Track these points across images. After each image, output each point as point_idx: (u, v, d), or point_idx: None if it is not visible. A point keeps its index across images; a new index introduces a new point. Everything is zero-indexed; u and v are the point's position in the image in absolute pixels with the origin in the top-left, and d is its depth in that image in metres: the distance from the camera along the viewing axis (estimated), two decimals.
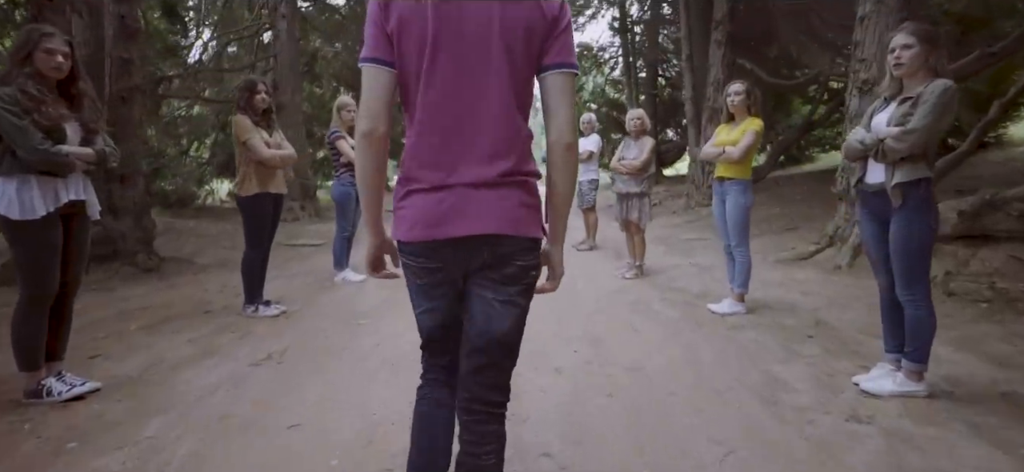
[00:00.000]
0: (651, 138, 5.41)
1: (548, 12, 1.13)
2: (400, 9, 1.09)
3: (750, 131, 3.78)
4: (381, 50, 1.12)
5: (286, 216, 10.26)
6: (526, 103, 1.18)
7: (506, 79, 1.12)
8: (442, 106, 1.12)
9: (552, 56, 1.14)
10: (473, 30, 1.10)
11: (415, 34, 1.10)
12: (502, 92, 1.12)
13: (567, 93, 1.16)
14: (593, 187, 7.40)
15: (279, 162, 4.01)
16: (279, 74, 10.34)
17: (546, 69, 1.15)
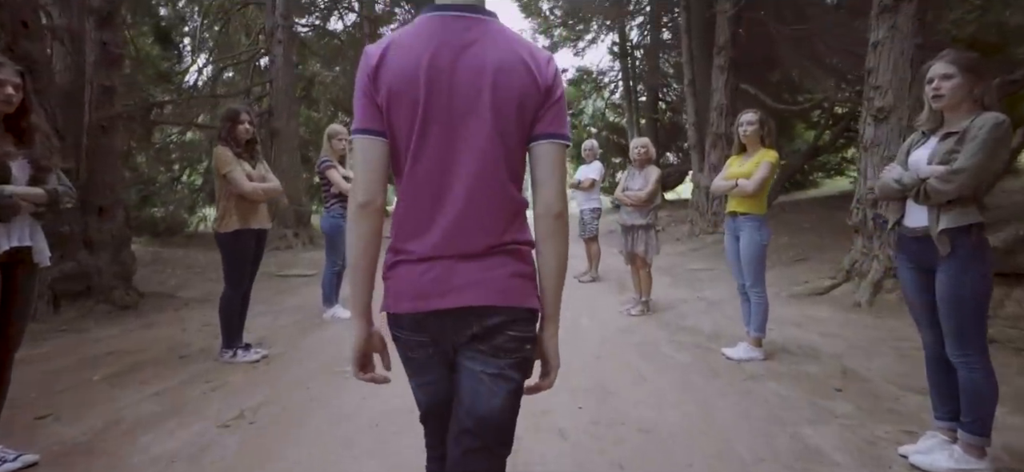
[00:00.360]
0: (656, 168, 5.19)
1: (541, 83, 1.10)
2: (390, 81, 1.07)
3: (765, 163, 3.54)
4: (372, 121, 1.10)
5: (279, 244, 10.02)
6: (519, 172, 1.15)
7: (498, 150, 1.09)
8: (432, 176, 1.09)
9: (544, 126, 1.12)
10: (464, 101, 1.07)
11: (405, 105, 1.07)
12: (494, 163, 1.09)
13: (557, 164, 1.13)
14: (595, 216, 7.16)
15: (262, 196, 3.76)
16: (274, 99, 10.19)
17: (537, 139, 1.12)
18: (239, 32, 11.45)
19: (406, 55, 1.08)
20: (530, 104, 1.10)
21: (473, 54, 1.08)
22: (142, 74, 7.41)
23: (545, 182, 1.12)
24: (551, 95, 1.12)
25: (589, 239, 7.22)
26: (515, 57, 1.09)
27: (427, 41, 1.08)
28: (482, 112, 1.07)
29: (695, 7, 10.34)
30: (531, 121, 1.12)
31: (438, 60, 1.07)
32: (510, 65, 1.09)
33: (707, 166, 10.07)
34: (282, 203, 10.12)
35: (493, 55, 1.09)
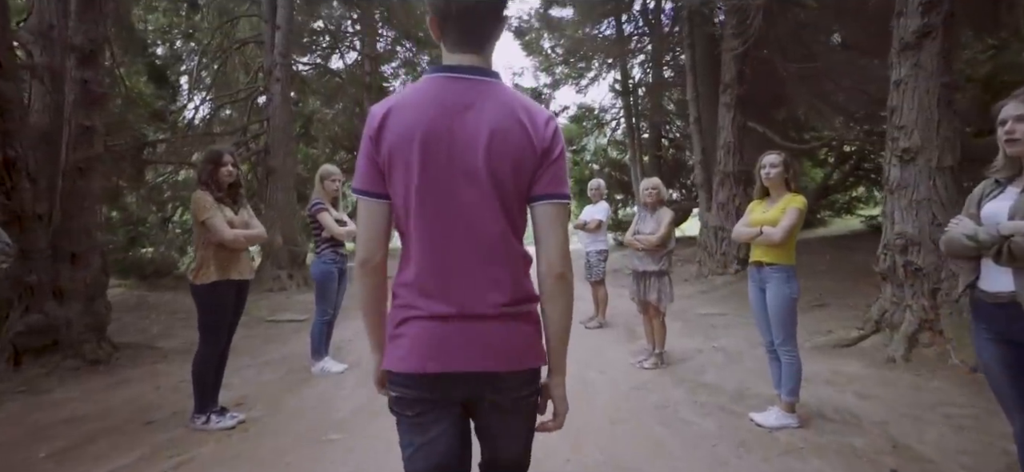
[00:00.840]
0: (669, 210, 4.90)
1: (538, 144, 1.12)
2: (391, 143, 1.10)
3: (792, 209, 3.25)
4: (373, 182, 1.14)
5: (272, 285, 9.69)
6: (520, 229, 1.17)
7: (497, 211, 1.11)
8: (436, 235, 1.12)
9: (542, 186, 1.14)
10: (461, 164, 1.10)
11: (405, 167, 1.10)
12: (495, 221, 1.12)
13: (558, 223, 1.15)
14: (602, 259, 6.85)
15: (244, 244, 3.46)
16: (271, 137, 10.02)
17: (536, 199, 1.15)
18: (238, 70, 11.39)
19: (406, 118, 1.10)
20: (527, 166, 1.11)
21: (470, 117, 1.10)
22: (134, 113, 7.22)
23: (546, 242, 1.14)
24: (549, 155, 1.13)
25: (595, 282, 6.89)
26: (512, 119, 1.11)
27: (427, 104, 1.11)
28: (479, 175, 1.09)
29: (700, 45, 10.27)
30: (529, 182, 1.13)
31: (436, 124, 1.09)
32: (506, 127, 1.10)
33: (715, 205, 9.81)
34: (276, 242, 9.84)
35: (489, 118, 1.10)
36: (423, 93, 1.13)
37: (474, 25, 1.15)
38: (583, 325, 6.80)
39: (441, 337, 1.10)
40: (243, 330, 6.91)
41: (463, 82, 1.13)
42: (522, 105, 1.15)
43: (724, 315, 7.24)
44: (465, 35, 1.15)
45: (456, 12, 1.13)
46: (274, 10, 9.83)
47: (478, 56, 1.17)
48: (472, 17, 1.14)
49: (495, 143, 1.09)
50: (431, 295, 1.11)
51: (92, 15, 4.04)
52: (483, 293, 1.11)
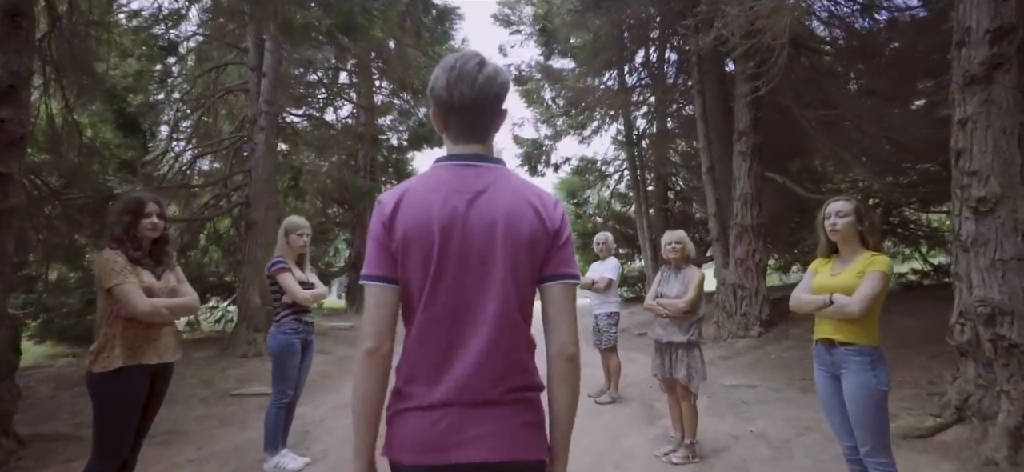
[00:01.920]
0: (698, 268, 4.17)
1: (549, 226, 1.18)
2: (405, 228, 1.14)
3: (874, 275, 2.51)
4: (385, 267, 1.16)
5: (246, 350, 8.84)
6: (528, 313, 1.19)
7: (511, 293, 1.15)
8: (444, 320, 1.13)
9: (553, 267, 1.19)
10: (477, 247, 1.14)
11: (420, 252, 1.13)
12: (508, 306, 1.14)
13: (568, 303, 1.19)
14: (613, 323, 6.07)
15: (166, 317, 2.72)
16: (253, 189, 9.42)
17: (547, 280, 1.19)
18: (222, 120, 10.94)
19: (420, 203, 1.15)
20: (540, 247, 1.17)
21: (484, 201, 1.17)
22: (97, 163, 6.62)
23: (557, 322, 1.18)
24: (559, 237, 1.20)
25: (606, 350, 6.09)
26: (524, 202, 1.18)
27: (440, 189, 1.17)
28: (495, 257, 1.14)
29: (710, 91, 9.83)
30: (541, 263, 1.18)
31: (451, 207, 1.15)
32: (520, 210, 1.17)
33: (733, 260, 9.09)
34: (253, 302, 9.06)
35: (503, 201, 1.17)
36: (436, 179, 1.18)
37: (476, 118, 1.20)
38: (593, 399, 5.96)
39: (442, 426, 1.11)
40: (201, 407, 6.09)
41: (474, 168, 1.19)
42: (532, 190, 1.22)
43: (754, 387, 6.39)
44: (468, 127, 1.21)
45: (459, 106, 1.18)
46: (261, 57, 9.44)
47: (482, 145, 1.23)
48: (474, 110, 1.19)
49: (511, 225, 1.15)
50: (434, 381, 1.13)
51: (15, 45, 3.46)
52: (490, 379, 1.12)
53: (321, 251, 15.03)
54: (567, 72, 18.16)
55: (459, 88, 1.18)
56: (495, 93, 1.21)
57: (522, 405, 1.15)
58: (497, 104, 1.22)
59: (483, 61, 1.20)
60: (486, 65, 1.20)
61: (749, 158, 8.79)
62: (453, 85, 1.18)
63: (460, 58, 1.21)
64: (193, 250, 10.59)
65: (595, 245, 6.35)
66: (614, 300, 6.14)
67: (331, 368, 8.26)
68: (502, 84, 1.22)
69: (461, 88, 1.18)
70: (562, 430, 1.19)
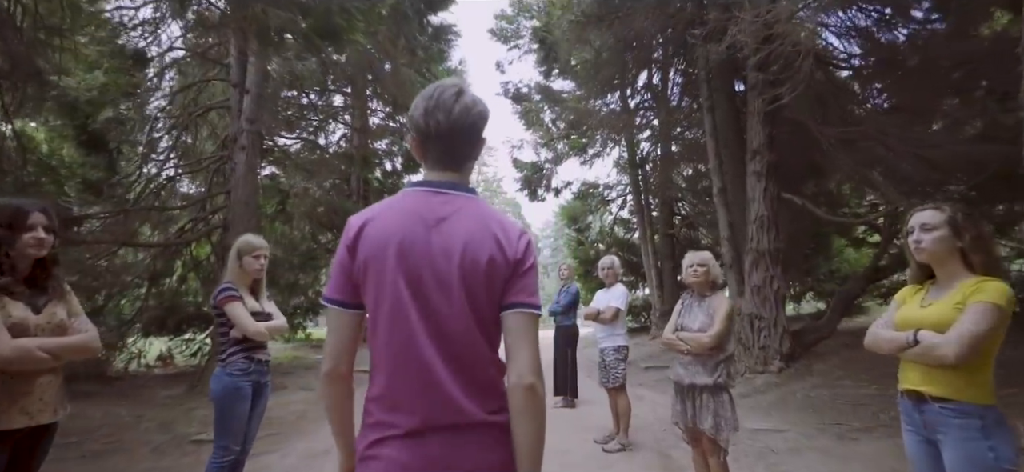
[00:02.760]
0: (726, 297, 3.54)
1: (511, 255, 1.19)
2: (367, 252, 1.18)
3: (981, 308, 1.87)
4: (345, 293, 1.20)
5: None
6: (495, 340, 1.22)
7: (470, 320, 1.17)
8: (409, 345, 1.15)
9: (512, 296, 1.19)
10: (436, 273, 1.17)
11: (380, 276, 1.16)
12: (468, 330, 1.17)
13: (528, 333, 1.18)
14: (621, 358, 5.41)
15: (43, 362, 2.08)
16: (232, 212, 8.84)
17: (506, 308, 1.19)
18: (207, 141, 10.44)
19: (383, 227, 1.19)
20: (499, 275, 1.18)
21: (445, 228, 1.19)
22: (53, 181, 6.05)
23: (515, 352, 1.17)
24: (520, 266, 1.20)
25: (614, 389, 5.40)
26: (486, 231, 1.20)
27: (404, 215, 1.20)
28: (453, 284, 1.16)
29: (720, 108, 9.32)
30: (501, 291, 1.19)
31: (412, 233, 1.18)
32: (479, 239, 1.19)
33: (749, 289, 8.43)
34: None
35: (464, 229, 1.19)
36: (401, 205, 1.23)
37: (453, 146, 1.24)
38: (600, 447, 5.26)
39: (420, 455, 1.12)
40: (151, 458, 5.37)
41: (441, 196, 1.23)
42: (496, 219, 1.23)
43: (781, 432, 5.68)
44: (444, 155, 1.25)
45: (436, 134, 1.23)
46: (243, 73, 8.98)
47: (456, 174, 1.27)
48: (451, 138, 1.23)
49: (468, 253, 1.17)
50: (403, 409, 1.14)
51: None
52: (458, 403, 1.14)
53: (310, 279, 14.37)
54: (567, 93, 17.83)
55: (436, 116, 1.21)
56: (471, 122, 1.23)
57: (492, 427, 1.17)
58: (474, 133, 1.25)
59: (461, 91, 1.23)
60: (464, 94, 1.23)
61: (764, 178, 8.21)
62: (430, 113, 1.22)
63: (438, 87, 1.23)
64: (168, 277, 9.97)
65: (600, 270, 5.72)
66: (622, 332, 5.49)
67: (311, 409, 7.55)
68: (479, 113, 1.24)
69: (438, 116, 1.21)
70: (529, 467, 1.16)
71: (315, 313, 15.88)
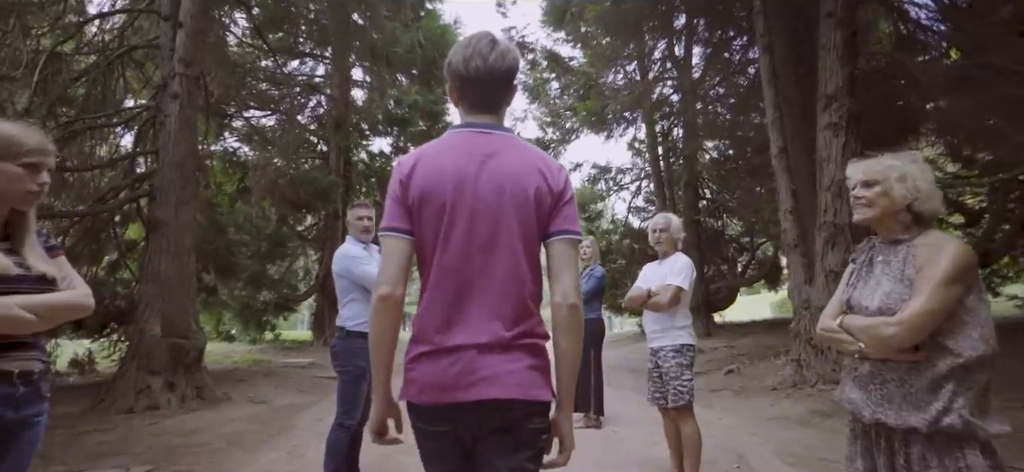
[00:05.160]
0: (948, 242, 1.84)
1: (553, 186, 1.34)
2: (421, 185, 1.31)
3: None
4: (401, 220, 1.33)
5: (136, 402, 6.42)
6: (535, 267, 1.34)
7: (518, 246, 1.30)
8: (456, 270, 1.29)
9: (557, 224, 1.34)
10: (487, 203, 1.30)
11: (435, 207, 1.30)
12: (513, 257, 1.30)
13: (570, 258, 1.33)
14: (685, 363, 3.69)
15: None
16: (161, 178, 7.12)
17: (551, 236, 1.34)
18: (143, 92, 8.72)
19: (435, 163, 1.33)
20: (545, 205, 1.33)
21: (495, 163, 1.33)
22: None
23: (560, 275, 1.31)
24: (562, 197, 1.35)
25: (676, 410, 3.70)
26: (531, 166, 1.34)
27: (454, 152, 1.34)
28: (503, 213, 1.30)
29: (780, 46, 7.59)
30: (546, 220, 1.33)
31: (464, 168, 1.32)
32: (527, 171, 1.33)
33: (822, 275, 6.72)
34: (150, 333, 6.68)
35: (512, 163, 1.34)
36: (450, 143, 1.37)
37: (489, 90, 1.39)
38: None
39: (454, 370, 1.24)
40: None
41: (485, 135, 1.37)
42: (537, 154, 1.39)
43: None
44: (482, 99, 1.40)
45: (475, 79, 1.36)
46: (176, 2, 7.27)
47: (493, 116, 1.41)
48: (487, 83, 1.37)
49: (517, 185, 1.31)
50: (446, 328, 1.27)
51: None
52: (496, 324, 1.26)
53: (281, 270, 12.67)
54: (578, 65, 16.15)
55: (474, 62, 1.34)
56: (508, 67, 1.38)
57: (528, 351, 1.29)
58: (509, 77, 1.40)
59: (495, 40, 1.37)
60: (498, 43, 1.37)
61: (844, 131, 6.51)
62: (469, 60, 1.34)
63: (473, 37, 1.38)
64: (93, 264, 8.25)
65: (651, 233, 3.99)
66: (685, 325, 3.76)
67: (251, 431, 5.84)
68: (513, 59, 1.39)
69: (476, 62, 1.34)
70: (567, 375, 1.33)
71: (288, 310, 14.15)
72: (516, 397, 1.24)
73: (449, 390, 1.24)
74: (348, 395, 3.58)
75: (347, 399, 3.58)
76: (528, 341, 1.28)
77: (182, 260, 7.11)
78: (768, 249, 16.98)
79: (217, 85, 9.95)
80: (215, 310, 12.06)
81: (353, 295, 3.62)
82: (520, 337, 1.27)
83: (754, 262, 16.52)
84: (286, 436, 5.65)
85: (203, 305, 11.79)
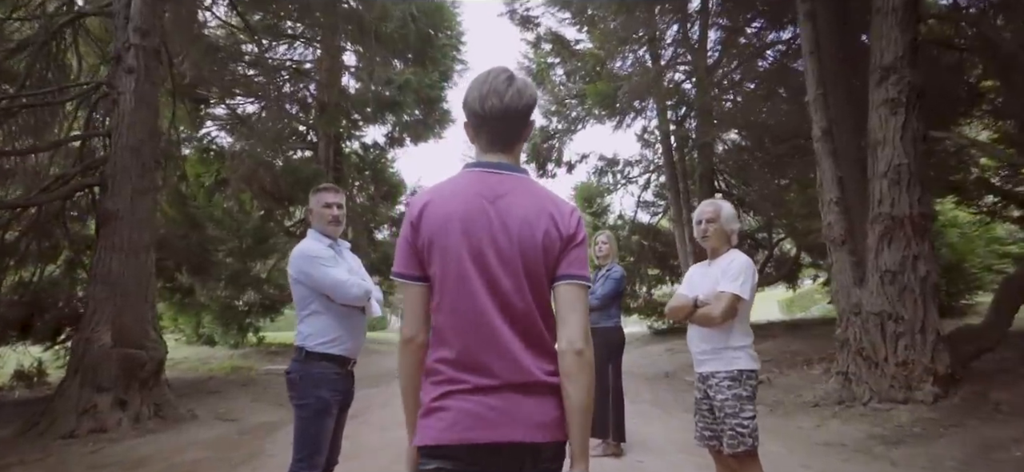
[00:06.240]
0: None
1: (564, 230, 1.34)
2: (431, 229, 1.32)
3: None
4: (413, 267, 1.35)
5: (78, 424, 5.59)
6: (548, 310, 1.36)
7: (527, 288, 1.31)
8: (474, 312, 1.29)
9: (564, 268, 1.34)
10: (496, 247, 1.30)
11: (444, 250, 1.31)
12: (525, 299, 1.31)
13: (579, 302, 1.33)
14: (746, 394, 2.84)
15: None
16: (114, 164, 6.27)
17: (558, 280, 1.34)
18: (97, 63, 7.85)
19: (446, 206, 1.33)
20: (553, 249, 1.32)
21: (504, 204, 1.33)
22: None
23: (566, 319, 1.31)
24: (572, 241, 1.34)
25: (734, 457, 2.83)
26: (541, 209, 1.34)
27: (465, 192, 1.35)
28: (512, 256, 1.30)
29: (824, 12, 6.70)
30: (554, 264, 1.33)
31: (473, 210, 1.32)
32: (536, 214, 1.33)
33: (876, 274, 5.86)
34: (98, 343, 5.83)
35: (521, 206, 1.33)
36: (459, 184, 1.37)
37: (506, 128, 1.38)
38: None
39: (487, 407, 1.24)
40: None
41: (497, 175, 1.36)
42: (549, 197, 1.38)
43: None
44: (496, 137, 1.39)
45: (491, 118, 1.36)
46: None
47: (509, 155, 1.41)
48: (504, 121, 1.37)
49: (526, 229, 1.31)
50: (472, 369, 1.27)
51: None
52: (523, 365, 1.28)
53: (264, 268, 11.82)
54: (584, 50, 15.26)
55: (491, 100, 1.34)
56: (524, 105, 1.37)
57: (552, 393, 1.30)
58: (525, 115, 1.39)
59: (511, 76, 1.38)
60: (515, 80, 1.37)
61: (904, 108, 5.63)
62: (485, 98, 1.34)
63: (490, 74, 1.38)
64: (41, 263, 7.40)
65: (696, 225, 3.13)
66: (743, 344, 2.89)
67: (213, 457, 5.02)
68: (530, 97, 1.38)
69: (492, 100, 1.34)
70: (578, 425, 1.29)
71: (274, 311, 13.29)
72: (546, 440, 1.26)
73: (483, 428, 1.24)
74: (308, 436, 2.75)
75: (306, 441, 2.75)
76: (543, 380, 1.29)
77: (139, 258, 6.26)
78: (786, 246, 16.13)
79: (190, 65, 9.11)
80: (192, 312, 11.20)
81: (314, 307, 2.79)
82: (545, 377, 1.29)
83: (771, 260, 15.65)
84: (251, 466, 4.82)
85: (179, 307, 10.97)
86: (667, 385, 9.57)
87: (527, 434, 1.23)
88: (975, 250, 10.06)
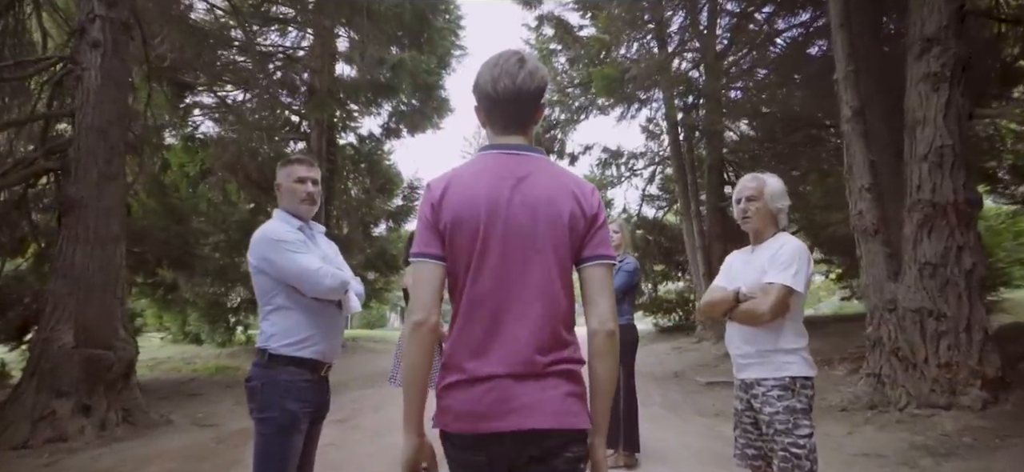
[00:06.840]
0: None
1: (587, 209, 1.32)
2: (453, 209, 1.29)
3: None
4: (432, 246, 1.30)
5: (34, 434, 5.10)
6: (569, 291, 1.33)
7: (551, 270, 1.28)
8: (489, 295, 1.27)
9: (590, 249, 1.32)
10: (520, 227, 1.28)
11: (467, 231, 1.28)
12: (548, 281, 1.28)
13: (606, 283, 1.32)
14: (801, 406, 2.34)
15: None
16: (79, 147, 5.75)
17: (585, 262, 1.32)
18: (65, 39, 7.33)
19: (467, 187, 1.31)
20: (579, 229, 1.31)
21: (528, 185, 1.31)
22: None
23: (596, 301, 1.29)
24: (596, 221, 1.33)
25: None
26: (563, 189, 1.32)
27: (486, 174, 1.33)
28: (537, 236, 1.28)
29: None
30: (579, 245, 1.32)
31: (497, 191, 1.30)
32: (560, 194, 1.31)
33: (915, 267, 5.35)
34: (58, 343, 5.32)
35: (545, 186, 1.31)
36: (482, 165, 1.35)
37: (517, 110, 1.35)
38: None
39: (488, 398, 1.22)
40: None
41: (516, 157, 1.34)
42: (570, 177, 1.37)
43: None
44: (510, 119, 1.37)
45: (504, 99, 1.33)
46: None
47: (523, 136, 1.38)
48: (515, 104, 1.34)
49: (552, 208, 1.29)
50: (480, 356, 1.25)
51: None
52: (530, 351, 1.24)
53: None
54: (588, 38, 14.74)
55: (503, 81, 1.32)
56: (536, 87, 1.34)
57: (564, 378, 1.27)
58: (537, 97, 1.36)
59: (523, 58, 1.35)
60: (526, 62, 1.34)
61: (948, 85, 5.12)
62: (497, 80, 1.32)
63: (500, 56, 1.36)
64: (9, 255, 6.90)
65: (735, 204, 2.62)
66: (796, 346, 2.40)
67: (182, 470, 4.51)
68: (542, 79, 1.35)
69: (504, 82, 1.32)
70: (602, 401, 1.31)
71: None
72: (553, 426, 1.22)
73: (484, 419, 1.22)
74: (270, 456, 2.27)
75: (269, 463, 2.27)
76: (564, 367, 1.27)
77: (107, 250, 5.74)
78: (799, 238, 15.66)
79: (170, 47, 8.59)
80: (178, 310, 10.69)
81: (279, 301, 2.30)
82: (555, 363, 1.26)
83: None
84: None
85: (162, 304, 10.46)
86: (677, 386, 9.12)
87: (535, 421, 1.21)
88: (1002, 244, 9.55)
